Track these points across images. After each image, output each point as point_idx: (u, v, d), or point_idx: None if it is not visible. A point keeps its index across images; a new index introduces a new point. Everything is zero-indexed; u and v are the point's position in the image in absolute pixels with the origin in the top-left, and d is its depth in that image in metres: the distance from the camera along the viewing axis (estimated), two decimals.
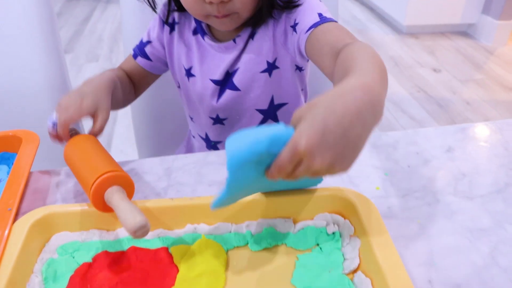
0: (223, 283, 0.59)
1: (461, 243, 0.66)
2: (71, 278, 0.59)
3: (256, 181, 0.55)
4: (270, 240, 0.64)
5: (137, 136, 1.29)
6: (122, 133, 2.38)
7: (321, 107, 0.44)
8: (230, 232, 0.65)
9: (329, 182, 0.67)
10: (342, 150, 0.44)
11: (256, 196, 0.65)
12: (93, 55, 3.32)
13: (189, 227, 0.65)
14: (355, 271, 0.60)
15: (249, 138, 0.48)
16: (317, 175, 0.47)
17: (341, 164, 0.45)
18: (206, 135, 1.01)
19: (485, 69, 2.98)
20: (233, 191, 0.54)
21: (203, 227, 0.65)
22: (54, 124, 0.71)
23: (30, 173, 0.76)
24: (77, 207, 0.64)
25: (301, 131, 0.44)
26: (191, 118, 1.03)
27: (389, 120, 2.45)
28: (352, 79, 0.49)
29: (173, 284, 0.57)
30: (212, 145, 1.03)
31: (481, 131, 0.91)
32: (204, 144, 1.04)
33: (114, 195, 0.59)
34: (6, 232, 0.59)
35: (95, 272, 0.59)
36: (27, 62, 1.08)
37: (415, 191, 0.75)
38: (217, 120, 0.96)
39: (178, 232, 0.64)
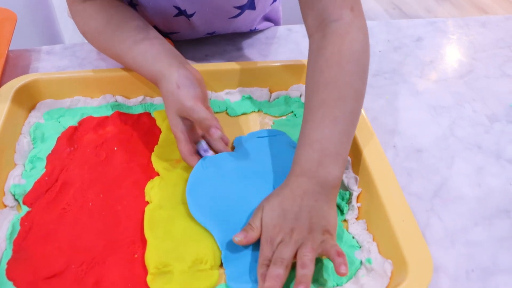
0: None
1: (424, 117, 0.72)
2: (59, 139, 0.62)
3: None
4: (247, 107, 0.69)
5: None
6: None
7: (273, 197, 0.53)
8: (210, 99, 0.69)
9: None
10: (310, 218, 0.50)
11: (234, 65, 0.69)
12: None
13: None
14: None
15: None
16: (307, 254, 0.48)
17: (320, 226, 0.50)
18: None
19: None
20: None
21: None
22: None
23: (8, 52, 0.76)
24: (61, 75, 0.66)
25: (269, 219, 0.51)
26: None
27: None
28: (297, 169, 0.53)
29: (156, 143, 0.61)
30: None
31: (450, 25, 0.95)
32: None
33: None
34: None
35: (81, 134, 0.63)
36: None
37: (384, 72, 0.80)
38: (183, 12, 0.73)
39: (160, 99, 0.67)
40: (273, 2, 0.83)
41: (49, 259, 0.50)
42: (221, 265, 0.51)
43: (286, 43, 0.85)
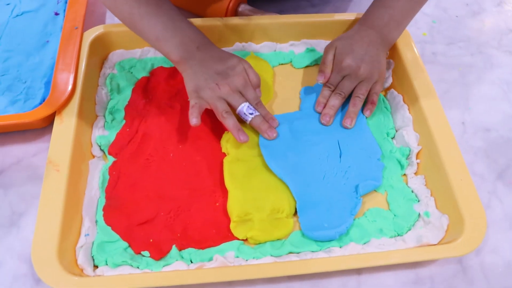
0: (271, 95, 0.66)
1: (496, 93, 0.70)
2: (134, 90, 0.65)
3: None
4: (311, 59, 0.70)
5: None
6: None
7: (343, 39, 0.64)
8: (275, 51, 0.70)
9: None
10: (372, 62, 0.62)
11: (298, 18, 0.70)
12: None
13: (237, 45, 0.70)
14: (388, 89, 0.67)
15: None
16: (363, 88, 0.62)
17: (378, 71, 0.62)
18: None
19: None
20: None
21: (250, 45, 0.70)
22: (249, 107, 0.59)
23: None
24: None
25: (341, 54, 0.62)
26: None
27: None
28: (368, 22, 0.64)
29: None
30: None
31: None
32: None
33: None
34: (76, 50, 0.63)
35: (153, 85, 0.66)
36: None
37: (459, 40, 0.77)
38: None
39: (227, 49, 0.68)
40: None
41: (140, 206, 0.55)
42: (295, 213, 0.55)
43: (362, 2, 0.81)
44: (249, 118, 0.58)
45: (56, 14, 0.74)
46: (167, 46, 0.58)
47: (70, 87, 0.59)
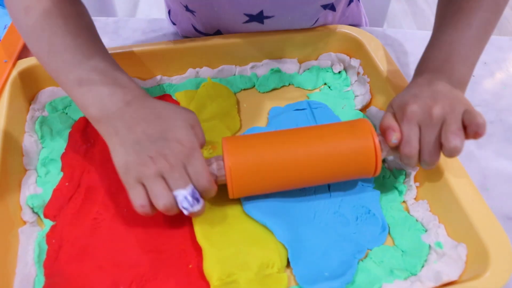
0: (238, 124, 0.56)
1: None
2: (71, 134, 0.53)
3: None
4: (277, 81, 0.62)
5: None
6: None
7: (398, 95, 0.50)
8: (235, 74, 0.62)
9: None
10: (445, 96, 0.46)
11: (258, 36, 0.61)
12: None
13: (191, 72, 0.60)
14: (366, 106, 0.60)
15: None
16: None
17: (459, 102, 0.46)
18: (219, 31, 0.66)
19: None
20: None
21: (205, 71, 0.61)
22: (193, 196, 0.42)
23: None
24: None
25: (400, 108, 0.47)
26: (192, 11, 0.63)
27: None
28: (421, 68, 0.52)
29: None
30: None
31: None
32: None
33: None
34: None
35: None
36: None
37: (476, 105, 0.64)
38: (255, 18, 0.61)
39: (179, 78, 0.60)
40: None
41: (92, 281, 0.43)
42: (288, 265, 0.45)
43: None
44: (187, 211, 0.42)
45: None
46: (88, 96, 0.44)
47: None
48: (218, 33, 0.63)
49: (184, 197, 0.41)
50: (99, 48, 0.47)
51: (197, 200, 0.42)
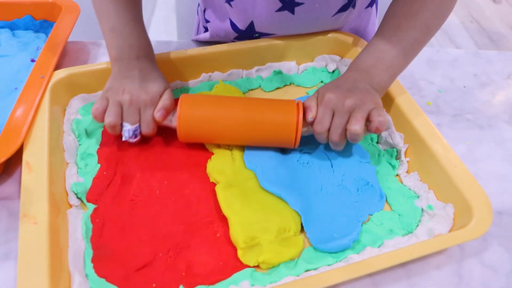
0: None
1: (508, 171, 0.63)
2: (103, 132, 0.60)
3: None
4: (279, 81, 0.70)
5: (179, 19, 1.06)
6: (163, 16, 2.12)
7: (326, 84, 0.58)
8: (243, 77, 0.70)
9: None
10: (361, 92, 0.55)
11: (261, 43, 0.70)
12: None
13: (204, 76, 0.68)
14: None
15: None
16: (356, 121, 0.53)
17: (371, 99, 0.55)
18: (252, 24, 0.70)
19: None
20: None
21: (217, 75, 0.68)
22: (134, 132, 0.57)
23: (67, 43, 0.73)
24: (91, 67, 0.63)
25: (322, 93, 0.55)
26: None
27: (432, 45, 2.09)
28: (351, 67, 0.61)
29: None
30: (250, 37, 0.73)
31: None
32: (231, 35, 0.75)
33: None
34: (38, 98, 0.59)
35: None
36: None
37: (467, 112, 0.70)
38: (288, 5, 0.66)
39: (194, 81, 0.67)
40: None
41: (134, 251, 0.49)
42: (301, 230, 0.52)
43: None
44: (124, 138, 0.57)
45: (32, 61, 0.70)
46: (117, 41, 0.59)
47: (21, 138, 0.54)
48: (251, 26, 0.69)
49: (128, 130, 0.56)
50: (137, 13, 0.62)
51: (135, 136, 0.57)
